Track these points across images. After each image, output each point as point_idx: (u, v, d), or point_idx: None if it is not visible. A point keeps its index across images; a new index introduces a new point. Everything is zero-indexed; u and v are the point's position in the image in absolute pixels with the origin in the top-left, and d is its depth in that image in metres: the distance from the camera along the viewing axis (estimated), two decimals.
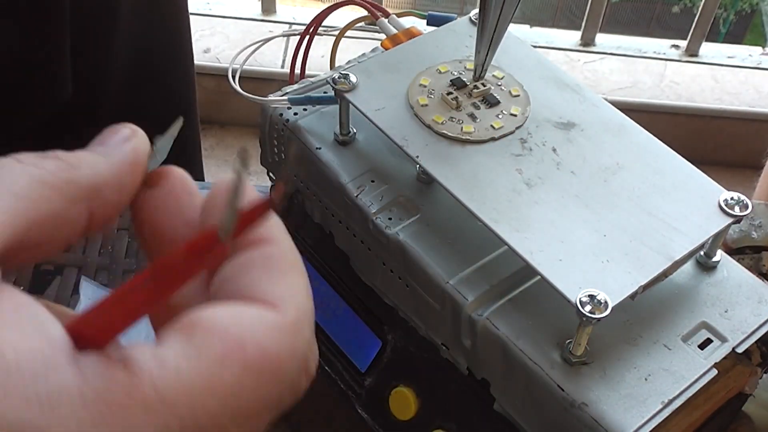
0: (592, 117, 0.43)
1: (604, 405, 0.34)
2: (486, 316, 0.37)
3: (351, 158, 0.43)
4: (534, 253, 0.36)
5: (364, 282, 0.44)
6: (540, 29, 1.89)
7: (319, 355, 0.50)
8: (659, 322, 0.38)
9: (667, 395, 0.35)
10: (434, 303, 0.39)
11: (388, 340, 0.44)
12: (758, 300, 0.39)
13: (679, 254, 0.36)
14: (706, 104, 1.78)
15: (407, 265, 0.40)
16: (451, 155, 0.40)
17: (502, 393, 0.38)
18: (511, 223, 0.37)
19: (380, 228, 0.41)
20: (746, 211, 0.38)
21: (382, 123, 0.41)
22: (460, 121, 0.41)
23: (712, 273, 0.40)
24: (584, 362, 0.36)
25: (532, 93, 0.43)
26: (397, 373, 0.44)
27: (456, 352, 0.40)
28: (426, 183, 0.42)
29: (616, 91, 1.76)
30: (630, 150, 0.41)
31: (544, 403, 0.36)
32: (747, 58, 1.86)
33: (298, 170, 0.46)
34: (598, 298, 0.34)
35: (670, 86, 1.80)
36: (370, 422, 0.45)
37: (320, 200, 0.45)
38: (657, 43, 1.87)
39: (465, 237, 0.40)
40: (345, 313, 0.46)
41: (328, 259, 0.47)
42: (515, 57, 0.45)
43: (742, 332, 0.38)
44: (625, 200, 0.39)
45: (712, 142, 1.78)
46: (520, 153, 0.40)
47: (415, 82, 0.43)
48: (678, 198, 0.39)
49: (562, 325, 0.36)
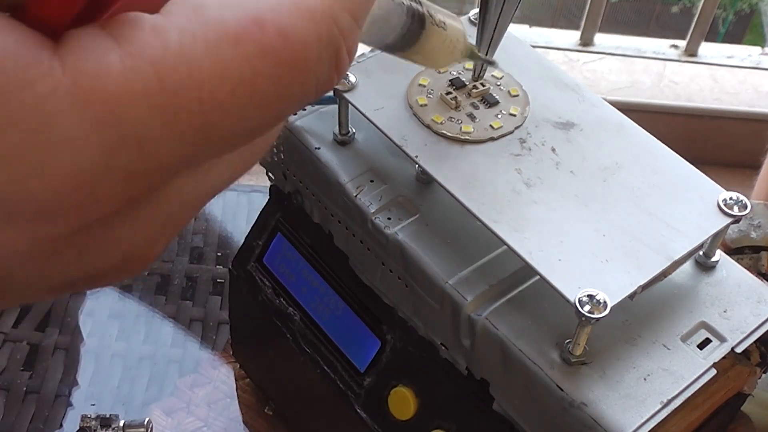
0: (591, 117, 0.43)
1: (603, 405, 0.34)
2: (485, 316, 0.37)
3: (350, 158, 0.43)
4: (533, 252, 0.36)
5: (363, 282, 0.44)
6: (539, 29, 1.89)
7: (318, 355, 0.51)
8: (658, 322, 0.38)
9: (666, 395, 0.35)
10: (433, 303, 0.39)
11: (388, 340, 0.44)
12: (757, 300, 0.39)
13: (678, 254, 0.36)
14: (705, 104, 1.78)
15: (406, 265, 0.40)
16: (451, 155, 0.40)
17: (501, 393, 0.38)
18: (510, 222, 0.37)
19: (379, 228, 0.41)
20: (745, 211, 0.38)
21: (381, 123, 0.41)
22: (459, 121, 0.41)
23: (711, 273, 0.40)
24: (583, 362, 0.36)
25: (531, 93, 0.43)
26: (397, 373, 0.44)
27: (455, 352, 0.40)
28: (425, 183, 0.42)
29: (615, 91, 1.76)
30: (629, 150, 0.41)
31: (543, 403, 0.36)
32: (746, 58, 1.86)
33: (297, 171, 0.46)
34: (597, 297, 0.34)
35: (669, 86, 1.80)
36: (369, 422, 0.45)
37: (319, 200, 0.45)
38: (656, 43, 1.87)
39: (464, 237, 0.40)
40: (344, 312, 0.46)
41: (327, 259, 0.47)
42: (514, 57, 0.45)
43: (741, 332, 0.38)
44: (625, 200, 0.39)
45: (711, 141, 1.79)
46: (519, 153, 0.40)
47: (414, 82, 0.43)
48: (677, 198, 0.39)
49: (562, 325, 0.36)
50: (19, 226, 0.15)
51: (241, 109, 0.15)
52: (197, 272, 0.71)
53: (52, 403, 0.61)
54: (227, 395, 0.62)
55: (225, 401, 0.62)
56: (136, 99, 0.14)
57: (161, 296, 0.69)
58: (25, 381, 0.63)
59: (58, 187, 0.14)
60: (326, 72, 0.17)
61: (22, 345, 0.65)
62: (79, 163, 0.14)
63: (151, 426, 0.58)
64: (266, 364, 0.58)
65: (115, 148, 0.14)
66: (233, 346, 0.62)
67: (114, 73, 0.14)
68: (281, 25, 0.15)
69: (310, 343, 0.48)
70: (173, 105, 0.15)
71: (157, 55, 0.14)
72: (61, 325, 0.66)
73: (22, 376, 0.63)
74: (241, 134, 0.16)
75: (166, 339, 0.66)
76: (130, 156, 0.15)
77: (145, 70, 0.14)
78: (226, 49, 0.15)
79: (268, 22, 0.15)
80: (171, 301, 0.69)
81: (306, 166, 0.44)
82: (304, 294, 0.49)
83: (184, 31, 0.15)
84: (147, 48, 0.14)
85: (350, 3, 0.17)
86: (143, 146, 0.15)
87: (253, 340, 0.58)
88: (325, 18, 0.16)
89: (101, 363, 0.64)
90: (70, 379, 0.63)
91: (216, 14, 0.15)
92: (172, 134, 0.15)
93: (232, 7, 0.15)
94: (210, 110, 0.15)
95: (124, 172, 0.15)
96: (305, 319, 0.49)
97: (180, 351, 0.65)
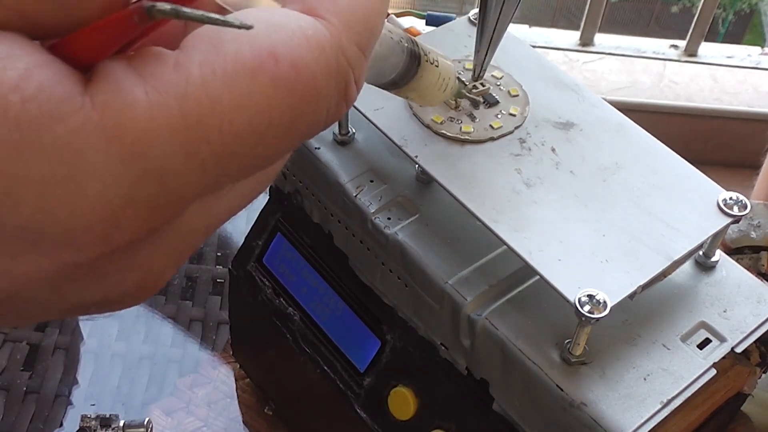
0: (591, 117, 0.43)
1: (603, 405, 0.34)
2: (485, 316, 0.37)
3: (350, 158, 0.43)
4: (533, 252, 0.36)
5: (363, 282, 0.44)
6: (539, 29, 1.89)
7: (318, 355, 0.51)
8: (658, 322, 0.38)
9: (666, 395, 0.35)
10: (433, 303, 0.39)
11: (387, 340, 0.44)
12: (757, 300, 0.39)
13: (678, 254, 0.36)
14: (705, 104, 1.78)
15: (406, 265, 0.40)
16: (450, 155, 0.40)
17: (501, 393, 0.38)
18: (510, 222, 0.37)
19: (379, 228, 0.41)
20: (745, 211, 0.38)
21: (381, 123, 0.41)
22: (459, 121, 0.41)
23: (711, 273, 0.40)
24: (583, 362, 0.36)
25: (531, 93, 0.43)
26: (396, 373, 0.44)
27: (455, 352, 0.40)
28: (425, 183, 0.42)
29: (615, 91, 1.76)
30: (629, 150, 0.41)
31: (543, 403, 0.36)
32: (746, 58, 1.86)
33: (296, 170, 0.46)
34: (597, 297, 0.34)
35: (669, 86, 1.80)
36: (369, 422, 0.45)
37: (319, 200, 0.45)
38: (656, 43, 1.87)
39: (464, 237, 0.40)
40: (344, 312, 0.46)
41: (327, 259, 0.47)
42: (514, 57, 0.45)
43: (741, 332, 0.38)
44: (624, 200, 0.39)
45: (710, 141, 1.79)
46: (519, 153, 0.40)
47: None
48: (677, 198, 0.39)
49: (561, 324, 0.36)
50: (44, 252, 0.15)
51: (257, 138, 0.16)
52: (197, 272, 0.71)
53: (52, 403, 0.61)
54: (227, 395, 0.62)
55: (225, 401, 0.62)
56: (161, 133, 0.15)
57: (161, 296, 0.69)
58: (25, 381, 0.63)
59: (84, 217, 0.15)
60: (336, 101, 0.18)
61: (22, 345, 0.65)
62: (106, 195, 0.15)
63: (151, 426, 0.58)
64: (266, 364, 0.58)
65: (139, 180, 0.15)
66: (233, 346, 0.62)
67: (140, 109, 0.15)
68: (293, 58, 0.16)
69: (310, 343, 0.48)
70: (195, 137, 0.15)
71: (180, 90, 0.15)
72: (61, 325, 0.66)
73: (22, 376, 0.63)
74: (257, 162, 0.17)
75: (165, 339, 0.66)
76: (153, 188, 0.15)
77: (170, 105, 0.15)
78: (244, 81, 0.16)
79: (281, 56, 0.16)
80: (171, 301, 0.69)
81: (306, 166, 0.44)
82: (304, 294, 0.49)
83: (204, 65, 0.15)
84: (171, 83, 0.15)
85: (357, 36, 0.18)
86: (166, 178, 0.15)
87: (253, 340, 0.58)
88: (334, 50, 0.17)
89: (101, 363, 0.64)
90: (70, 379, 0.63)
91: (233, 48, 0.16)
92: (193, 165, 0.15)
93: (247, 42, 0.16)
94: (229, 141, 0.16)
95: (147, 203, 0.15)
96: (305, 319, 0.49)
97: (180, 351, 0.65)
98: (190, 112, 0.15)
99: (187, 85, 0.15)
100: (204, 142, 0.15)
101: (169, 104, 0.15)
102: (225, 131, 0.15)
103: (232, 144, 0.16)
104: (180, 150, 0.15)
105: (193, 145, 0.15)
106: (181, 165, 0.15)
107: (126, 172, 0.15)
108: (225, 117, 0.15)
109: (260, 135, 0.16)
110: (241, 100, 0.16)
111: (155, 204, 0.16)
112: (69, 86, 0.15)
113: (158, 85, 0.15)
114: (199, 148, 0.15)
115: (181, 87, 0.15)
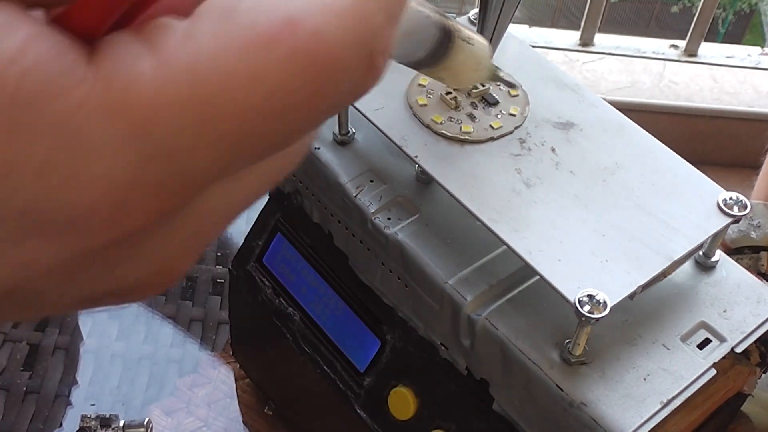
0: (591, 117, 0.43)
1: (603, 405, 0.34)
2: (485, 316, 0.37)
3: (350, 158, 0.43)
4: (533, 252, 0.36)
5: (363, 282, 0.44)
6: (539, 29, 1.89)
7: (318, 355, 0.51)
8: (658, 322, 0.38)
9: (666, 395, 0.35)
10: (433, 303, 0.39)
11: (387, 340, 0.44)
12: (757, 300, 0.39)
13: (678, 254, 0.36)
14: (704, 104, 1.78)
15: (406, 265, 0.40)
16: (450, 155, 0.40)
17: (501, 393, 0.38)
18: (510, 222, 0.37)
19: (379, 228, 0.41)
20: (745, 211, 0.38)
21: (381, 123, 0.41)
22: (459, 121, 0.41)
23: (711, 273, 0.40)
24: (583, 362, 0.36)
25: (531, 93, 0.43)
26: (396, 373, 0.44)
27: (455, 352, 0.40)
28: (425, 183, 0.42)
29: (615, 91, 1.76)
30: (629, 150, 0.41)
31: (543, 403, 0.36)
32: (746, 58, 1.86)
33: (296, 170, 0.46)
34: (597, 298, 0.34)
35: (668, 86, 1.80)
36: (369, 422, 0.45)
37: (319, 200, 0.45)
38: (656, 43, 1.87)
39: (464, 237, 0.40)
40: (344, 312, 0.46)
41: (327, 259, 0.47)
42: (514, 57, 0.45)
43: (740, 332, 0.38)
44: (624, 200, 0.39)
45: (710, 141, 1.78)
46: (519, 153, 0.40)
47: (414, 82, 0.43)
48: (677, 198, 0.39)
49: (561, 324, 0.36)
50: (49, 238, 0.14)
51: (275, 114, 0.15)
52: (197, 272, 0.71)
53: (52, 403, 0.61)
54: (227, 395, 0.62)
55: (225, 401, 0.62)
56: (169, 109, 0.14)
57: (161, 296, 0.69)
58: (25, 381, 0.63)
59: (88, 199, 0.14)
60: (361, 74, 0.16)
61: (22, 345, 0.65)
62: (110, 176, 0.14)
63: (151, 426, 0.58)
64: (266, 364, 0.58)
65: (147, 160, 0.14)
66: (233, 346, 0.62)
67: (146, 82, 0.14)
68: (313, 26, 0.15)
69: (310, 343, 0.48)
70: (207, 114, 0.14)
71: (190, 61, 0.14)
72: (60, 325, 0.66)
73: (22, 376, 0.63)
74: (275, 141, 0.16)
75: (165, 339, 0.66)
76: (162, 168, 0.14)
77: (178, 79, 0.14)
78: (260, 52, 0.14)
79: (299, 24, 0.15)
80: (171, 301, 0.69)
81: (306, 166, 0.44)
82: (304, 294, 0.49)
83: (216, 35, 0.14)
84: (180, 55, 0.14)
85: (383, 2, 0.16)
86: (176, 159, 0.14)
87: (253, 340, 0.58)
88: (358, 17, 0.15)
89: (101, 363, 0.64)
90: (70, 379, 0.63)
91: (247, 17, 0.14)
92: (206, 144, 0.14)
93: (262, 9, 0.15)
94: (244, 117, 0.15)
95: (156, 185, 0.14)
96: (305, 319, 0.49)
97: (180, 351, 0.65)
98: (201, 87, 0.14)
99: (198, 58, 0.14)
100: (217, 119, 0.14)
101: (178, 78, 0.14)
102: (239, 107, 0.14)
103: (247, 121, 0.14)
104: (191, 128, 0.14)
105: (204, 123, 0.14)
106: (192, 144, 0.14)
107: (132, 151, 0.14)
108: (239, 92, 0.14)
109: (278, 111, 0.15)
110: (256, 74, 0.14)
111: (165, 186, 0.15)
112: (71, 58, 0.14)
113: (167, 58, 0.14)
114: (212, 126, 0.14)
115: (192, 59, 0.14)
